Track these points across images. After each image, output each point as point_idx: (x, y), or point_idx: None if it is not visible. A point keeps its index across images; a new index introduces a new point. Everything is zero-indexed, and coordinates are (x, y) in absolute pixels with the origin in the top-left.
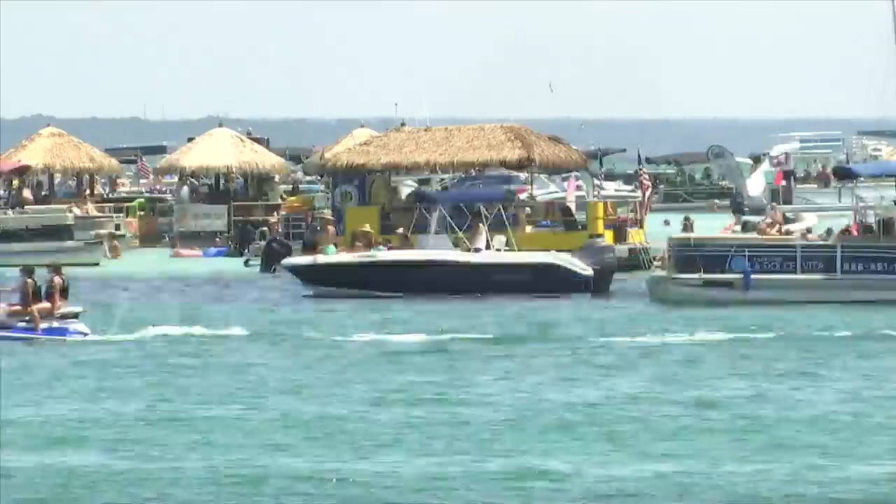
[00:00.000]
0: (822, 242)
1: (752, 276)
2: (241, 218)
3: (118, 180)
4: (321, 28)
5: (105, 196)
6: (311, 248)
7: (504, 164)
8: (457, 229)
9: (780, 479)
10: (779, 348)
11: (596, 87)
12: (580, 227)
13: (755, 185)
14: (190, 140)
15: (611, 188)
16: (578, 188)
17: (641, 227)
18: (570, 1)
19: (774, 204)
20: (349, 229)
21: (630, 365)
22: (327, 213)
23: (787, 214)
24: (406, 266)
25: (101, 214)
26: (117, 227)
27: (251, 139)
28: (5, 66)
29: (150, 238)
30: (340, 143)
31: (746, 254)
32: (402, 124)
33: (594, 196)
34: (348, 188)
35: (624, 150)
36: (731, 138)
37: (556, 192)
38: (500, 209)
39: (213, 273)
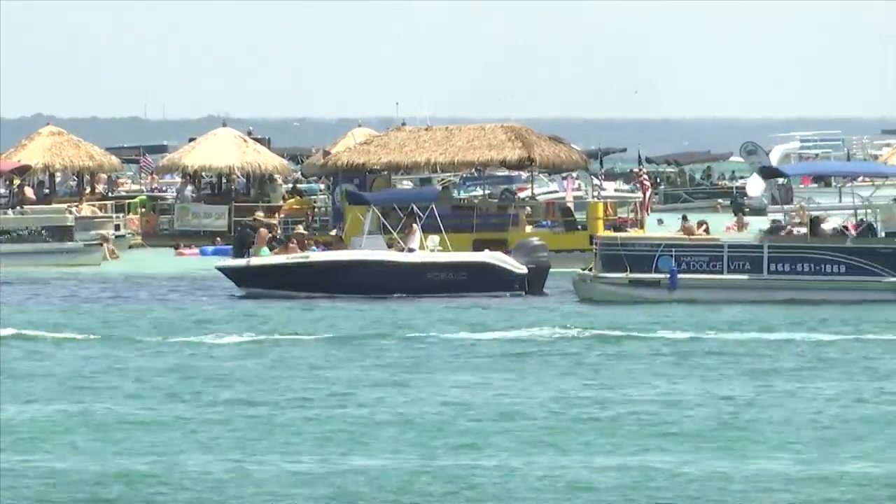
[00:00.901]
0: (748, 242)
1: (679, 275)
2: (240, 218)
3: (118, 179)
4: (321, 28)
5: (105, 195)
6: (240, 249)
7: (504, 163)
8: (391, 229)
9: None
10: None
11: (596, 88)
12: (580, 227)
13: (755, 185)
14: (191, 140)
15: (610, 188)
16: (577, 188)
17: (642, 227)
18: (570, 1)
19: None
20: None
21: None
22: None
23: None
24: (339, 267)
25: (100, 215)
26: (117, 227)
27: (253, 139)
28: (5, 66)
29: (151, 236)
30: (339, 143)
31: (673, 253)
32: (403, 124)
33: (593, 196)
34: (349, 188)
35: (624, 150)
36: (731, 138)
37: (556, 191)
38: (431, 208)
39: (187, 271)
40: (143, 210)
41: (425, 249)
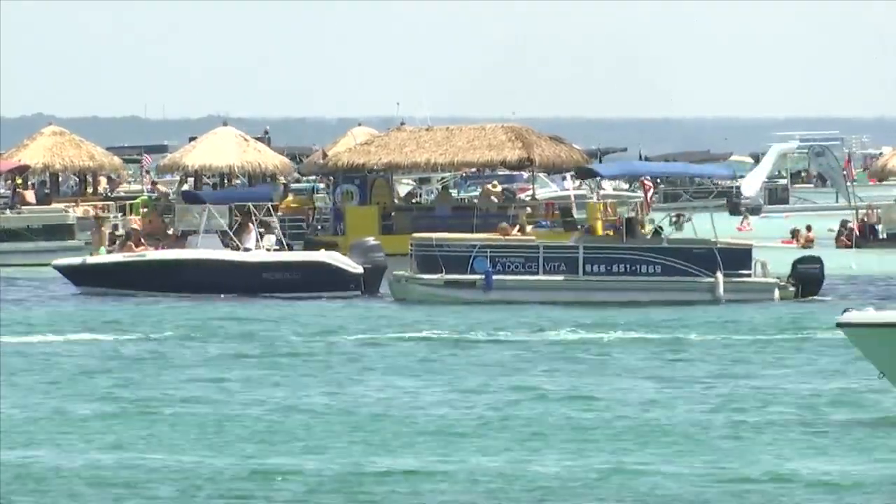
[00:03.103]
0: (563, 243)
1: (494, 276)
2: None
3: (118, 179)
4: (321, 28)
5: (106, 195)
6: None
7: (504, 163)
8: (227, 229)
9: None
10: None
11: (596, 88)
12: (579, 226)
13: (751, 184)
14: (191, 140)
15: (609, 188)
16: (578, 186)
17: (643, 227)
18: (570, 1)
19: (871, 203)
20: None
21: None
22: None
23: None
24: (175, 266)
25: (98, 215)
26: (115, 227)
27: (255, 139)
28: (5, 66)
29: (153, 237)
30: (339, 143)
31: (489, 254)
32: (402, 124)
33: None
34: (349, 188)
35: (625, 150)
36: (731, 138)
37: (556, 191)
38: (268, 209)
39: None
40: (146, 210)
41: (261, 248)
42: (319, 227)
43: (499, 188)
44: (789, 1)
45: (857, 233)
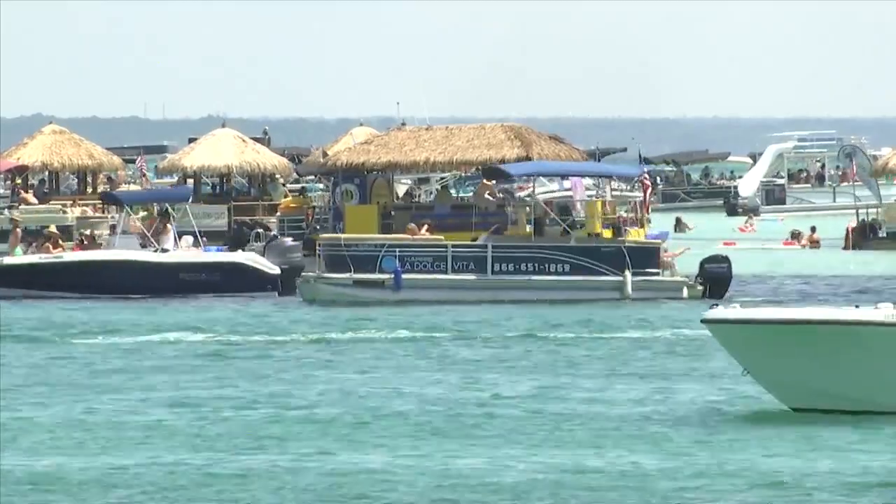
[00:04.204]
0: (472, 243)
1: (403, 275)
2: (239, 217)
3: (116, 179)
4: (321, 28)
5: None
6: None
7: (503, 162)
8: (145, 231)
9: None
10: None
11: (596, 88)
12: (579, 225)
13: (748, 184)
14: (191, 140)
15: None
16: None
17: (642, 226)
18: (570, 1)
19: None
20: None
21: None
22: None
23: None
24: (92, 267)
25: (91, 214)
26: (114, 228)
27: (255, 139)
28: (5, 66)
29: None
30: (339, 143)
31: (397, 254)
32: (403, 124)
33: (600, 195)
34: (349, 187)
35: (625, 150)
36: (731, 138)
37: (554, 190)
38: (185, 208)
39: None
40: (145, 213)
41: (179, 249)
42: (318, 227)
43: (492, 184)
44: (789, 1)
45: (853, 233)
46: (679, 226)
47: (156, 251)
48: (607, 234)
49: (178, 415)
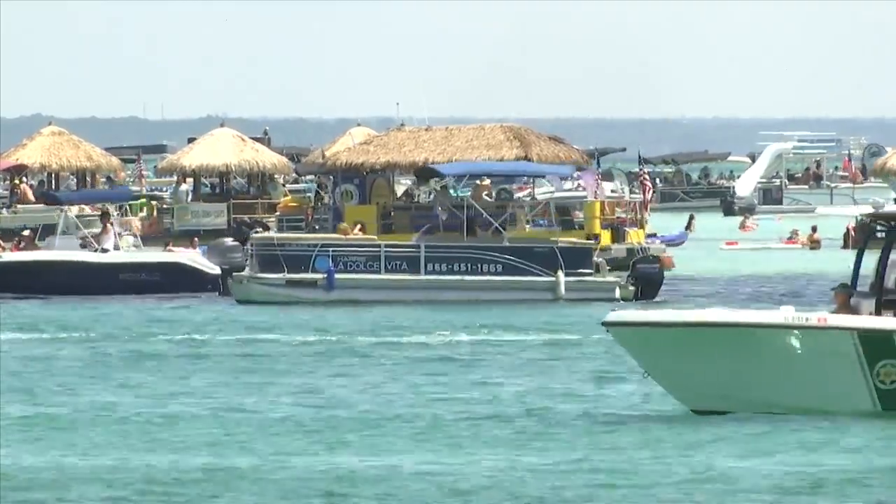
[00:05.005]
0: (405, 242)
1: (336, 275)
2: (238, 216)
3: (115, 179)
4: (321, 28)
5: None
6: None
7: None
8: (83, 229)
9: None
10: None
11: (595, 88)
12: (577, 226)
13: (745, 184)
14: (190, 140)
15: (607, 188)
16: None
17: (642, 226)
18: (570, 1)
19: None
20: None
21: None
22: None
23: None
24: (32, 267)
25: (88, 213)
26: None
27: (255, 139)
28: (5, 66)
29: (155, 237)
30: (338, 143)
31: (330, 253)
32: (402, 124)
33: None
34: (348, 187)
35: (624, 150)
36: (731, 138)
37: (554, 190)
38: (125, 210)
39: None
40: (144, 213)
41: (119, 249)
42: (317, 227)
43: (486, 182)
44: (789, 1)
45: (853, 233)
46: (690, 225)
47: (96, 252)
48: (606, 235)
49: None
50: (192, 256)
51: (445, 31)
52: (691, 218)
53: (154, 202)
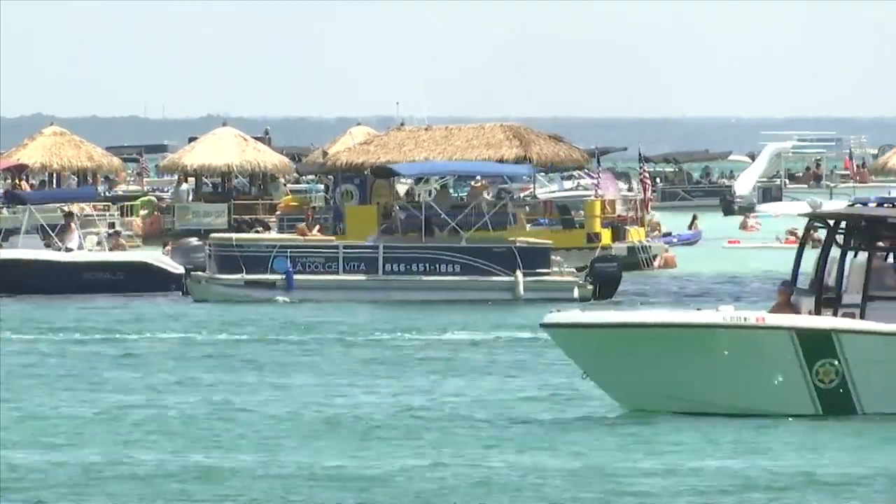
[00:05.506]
0: (363, 243)
1: (295, 276)
2: (239, 216)
3: (114, 178)
4: (321, 28)
5: (102, 195)
6: None
7: (502, 162)
8: (49, 230)
9: None
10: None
11: (596, 87)
12: (578, 225)
13: (744, 183)
14: (191, 139)
15: (623, 188)
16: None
17: (642, 225)
18: (570, 1)
19: None
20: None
21: None
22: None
23: None
24: None
25: (97, 213)
26: (111, 226)
27: (256, 138)
28: (5, 66)
29: (156, 236)
30: (338, 142)
31: (289, 254)
32: (402, 123)
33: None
34: (349, 187)
35: (625, 149)
36: (731, 138)
37: (555, 190)
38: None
39: None
40: (145, 212)
41: (83, 249)
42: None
43: (481, 183)
44: (789, 1)
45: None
46: (693, 224)
47: (60, 251)
48: (607, 234)
49: None
50: (157, 256)
51: (445, 31)
52: (694, 218)
53: (161, 201)
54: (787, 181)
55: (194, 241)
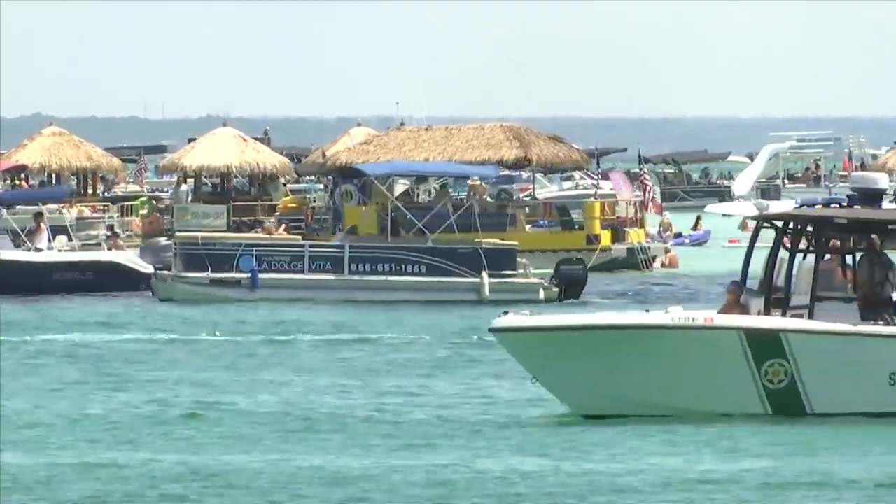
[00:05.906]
0: (329, 242)
1: (260, 275)
2: (239, 217)
3: (114, 179)
4: (321, 28)
5: (101, 195)
6: None
7: (501, 163)
8: (19, 231)
9: None
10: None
11: (596, 87)
12: (577, 226)
13: (743, 183)
14: (191, 140)
15: (607, 187)
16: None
17: (642, 226)
18: (570, 1)
19: None
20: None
21: None
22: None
23: None
24: None
25: (88, 214)
26: (110, 227)
27: (255, 139)
28: (5, 66)
29: (153, 237)
30: (339, 142)
31: (255, 253)
32: (402, 124)
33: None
34: (349, 187)
35: (625, 150)
36: (731, 138)
37: (554, 190)
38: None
39: None
40: (145, 212)
41: (52, 248)
42: (317, 227)
43: (478, 183)
44: (789, 1)
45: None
46: (697, 225)
47: (29, 251)
48: (606, 235)
49: None
50: (128, 256)
51: (445, 31)
52: (698, 219)
53: (159, 201)
54: (786, 181)
55: (163, 240)
